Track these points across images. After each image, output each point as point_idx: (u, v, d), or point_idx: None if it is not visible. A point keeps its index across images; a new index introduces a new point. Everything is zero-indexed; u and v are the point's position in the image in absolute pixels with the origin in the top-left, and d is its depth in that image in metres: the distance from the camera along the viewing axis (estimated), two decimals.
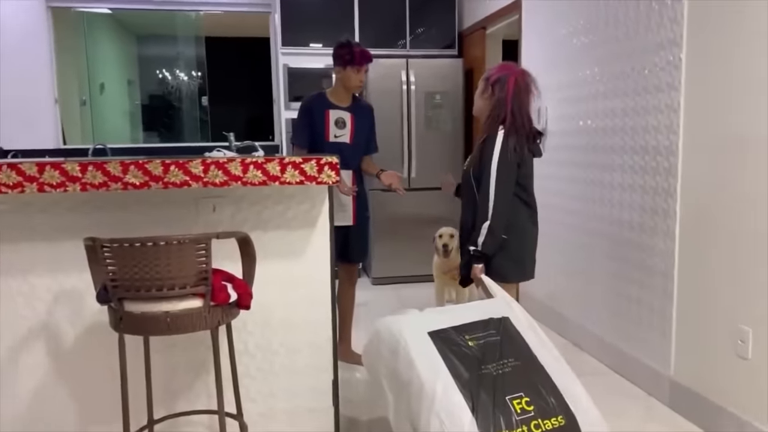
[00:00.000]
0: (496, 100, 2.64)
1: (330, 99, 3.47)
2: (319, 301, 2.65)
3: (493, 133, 2.63)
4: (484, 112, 2.73)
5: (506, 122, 2.60)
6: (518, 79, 2.63)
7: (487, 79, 2.72)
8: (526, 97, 2.64)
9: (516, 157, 2.59)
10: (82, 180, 2.16)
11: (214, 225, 2.54)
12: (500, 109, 2.62)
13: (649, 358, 3.11)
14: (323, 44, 5.55)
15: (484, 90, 2.73)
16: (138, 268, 1.99)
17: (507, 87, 2.62)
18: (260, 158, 2.27)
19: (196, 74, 7.99)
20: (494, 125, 2.64)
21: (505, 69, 2.69)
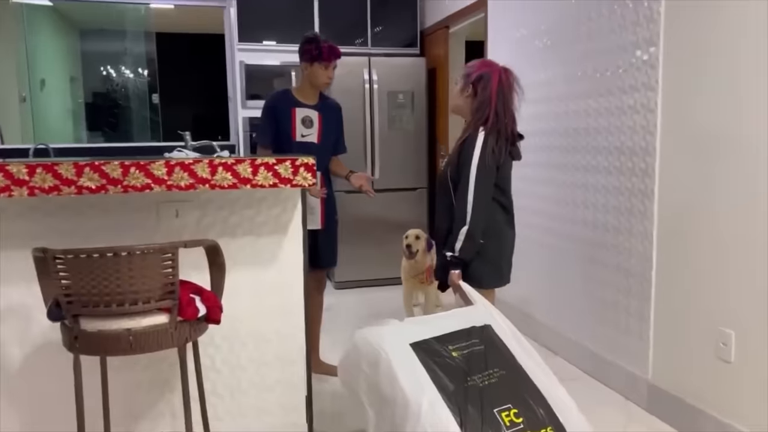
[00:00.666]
0: (479, 99, 2.51)
1: (296, 97, 3.30)
2: (291, 311, 2.49)
3: (474, 133, 2.51)
4: (465, 112, 2.61)
5: (488, 123, 2.49)
6: (502, 77, 2.52)
7: (467, 75, 2.58)
8: (510, 96, 2.52)
9: (495, 159, 2.48)
10: (29, 183, 1.94)
11: (178, 232, 2.35)
12: (483, 110, 2.49)
13: (626, 361, 3.07)
14: (281, 41, 5.36)
15: (464, 88, 2.59)
16: (96, 282, 1.79)
17: (491, 85, 2.49)
18: (230, 159, 2.10)
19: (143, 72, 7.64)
20: (476, 126, 2.51)
21: (487, 65, 2.57)
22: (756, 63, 2.29)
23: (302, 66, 3.27)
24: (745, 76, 2.34)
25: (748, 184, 2.35)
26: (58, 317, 1.88)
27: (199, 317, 1.97)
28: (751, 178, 2.33)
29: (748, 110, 2.34)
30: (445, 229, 2.57)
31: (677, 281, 2.75)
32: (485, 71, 2.53)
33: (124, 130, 7.98)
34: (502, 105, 2.49)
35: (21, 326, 2.24)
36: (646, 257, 2.90)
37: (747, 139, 2.35)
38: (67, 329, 1.88)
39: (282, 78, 5.45)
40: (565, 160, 3.55)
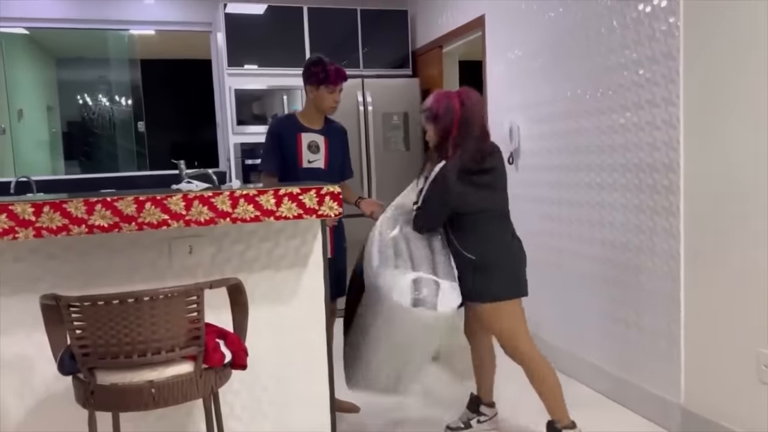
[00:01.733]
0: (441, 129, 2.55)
1: (301, 121, 3.17)
2: (313, 349, 2.34)
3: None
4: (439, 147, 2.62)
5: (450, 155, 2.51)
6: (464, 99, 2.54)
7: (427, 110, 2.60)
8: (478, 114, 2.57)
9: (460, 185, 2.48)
10: (35, 224, 1.77)
11: (192, 270, 2.19)
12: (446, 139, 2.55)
13: (655, 385, 2.96)
14: (271, 64, 5.23)
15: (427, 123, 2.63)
16: (115, 331, 1.63)
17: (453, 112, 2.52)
18: (252, 190, 1.95)
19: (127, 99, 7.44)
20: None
21: (442, 96, 2.59)
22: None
23: (307, 89, 3.14)
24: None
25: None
26: (72, 370, 1.71)
27: (225, 363, 1.82)
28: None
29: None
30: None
31: (709, 301, 2.65)
32: (444, 102, 2.56)
33: (106, 159, 7.75)
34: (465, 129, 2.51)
35: (22, 378, 2.05)
36: (673, 277, 2.81)
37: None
38: (81, 383, 1.70)
39: (273, 102, 5.32)
40: (576, 179, 3.46)
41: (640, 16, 2.91)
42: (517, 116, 4.04)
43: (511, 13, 4.05)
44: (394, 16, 5.53)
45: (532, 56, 3.84)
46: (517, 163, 4.07)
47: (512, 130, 4.05)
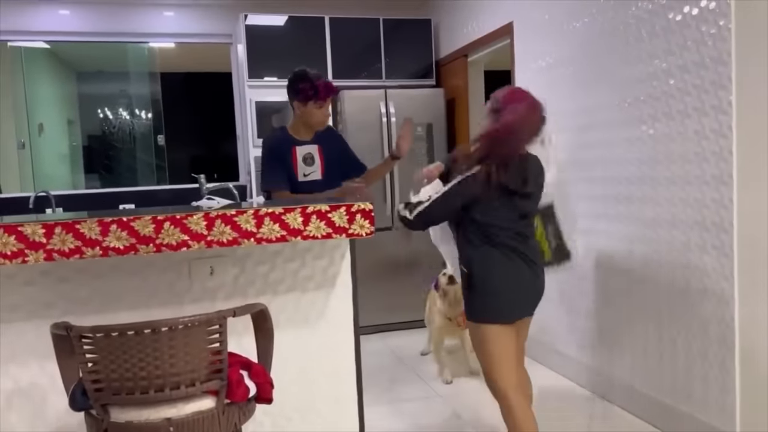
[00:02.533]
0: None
1: (293, 135, 3.11)
2: (342, 376, 2.18)
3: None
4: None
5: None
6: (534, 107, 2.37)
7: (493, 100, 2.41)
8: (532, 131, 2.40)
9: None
10: (46, 246, 1.65)
11: (213, 293, 2.05)
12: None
13: (706, 414, 2.76)
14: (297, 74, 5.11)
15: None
16: (131, 364, 1.49)
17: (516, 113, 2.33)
18: (277, 209, 1.81)
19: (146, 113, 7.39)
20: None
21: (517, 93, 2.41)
22: None
23: (294, 105, 3.08)
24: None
25: None
26: (84, 406, 1.57)
27: (249, 398, 1.67)
28: None
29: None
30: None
31: (765, 325, 2.45)
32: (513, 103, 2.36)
33: (126, 172, 7.71)
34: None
35: (33, 410, 1.93)
36: (726, 298, 2.61)
37: None
38: (94, 421, 1.57)
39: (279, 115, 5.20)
40: (615, 192, 3.28)
41: (685, 18, 2.73)
42: (549, 125, 3.86)
43: (541, 19, 3.90)
44: (417, 26, 5.40)
45: (565, 63, 3.67)
46: None
47: (544, 141, 3.87)
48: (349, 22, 5.22)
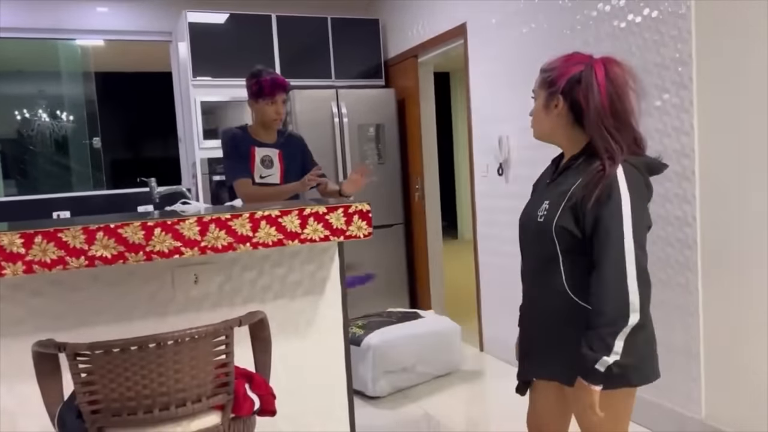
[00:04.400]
0: (590, 114, 1.62)
1: (253, 135, 3.05)
2: (333, 385, 2.12)
3: (610, 170, 1.58)
4: (560, 135, 1.74)
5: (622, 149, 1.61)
6: (609, 72, 1.62)
7: (551, 82, 1.70)
8: (626, 98, 1.63)
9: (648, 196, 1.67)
10: (25, 258, 1.50)
11: (198, 302, 1.94)
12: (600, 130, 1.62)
13: (674, 402, 2.86)
14: (240, 75, 4.95)
15: (549, 101, 1.71)
16: (133, 382, 1.37)
17: (596, 88, 1.61)
18: (274, 211, 1.73)
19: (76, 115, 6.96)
20: (606, 156, 1.60)
21: (578, 61, 1.68)
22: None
23: (249, 103, 3.04)
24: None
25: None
26: (77, 430, 1.44)
27: (254, 411, 1.58)
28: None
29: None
30: (551, 314, 1.70)
31: (729, 311, 2.57)
32: (580, 71, 1.65)
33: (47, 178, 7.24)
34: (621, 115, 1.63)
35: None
36: (690, 290, 2.72)
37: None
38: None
39: (242, 114, 5.04)
40: None
41: (646, 19, 2.83)
42: (505, 126, 3.93)
43: (495, 19, 3.94)
44: (365, 25, 5.36)
45: (521, 63, 3.73)
46: (507, 174, 3.95)
47: (501, 141, 3.93)
48: (297, 21, 5.12)
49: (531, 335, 1.81)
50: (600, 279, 1.55)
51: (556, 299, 1.67)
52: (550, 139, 1.78)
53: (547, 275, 1.69)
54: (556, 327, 1.69)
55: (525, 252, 1.82)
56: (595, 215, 1.58)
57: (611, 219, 1.56)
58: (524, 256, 1.82)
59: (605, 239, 1.56)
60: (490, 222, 4.19)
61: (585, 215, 1.59)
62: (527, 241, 1.80)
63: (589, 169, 1.62)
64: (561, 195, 1.66)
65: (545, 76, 1.74)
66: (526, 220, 1.80)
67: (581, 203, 1.60)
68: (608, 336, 1.53)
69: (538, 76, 1.78)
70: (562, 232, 1.63)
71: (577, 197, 1.61)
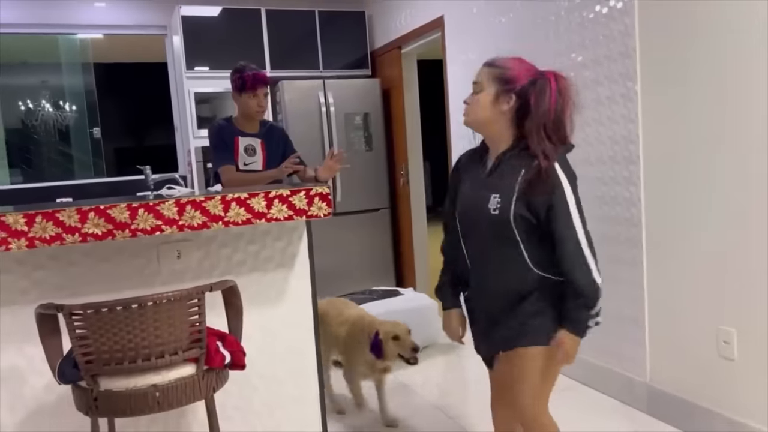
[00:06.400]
0: (539, 111, 1.82)
1: (237, 126, 3.32)
2: (303, 349, 2.39)
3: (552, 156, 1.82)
4: (497, 128, 1.89)
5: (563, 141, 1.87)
6: (560, 85, 1.86)
7: (508, 81, 1.87)
8: (567, 108, 1.88)
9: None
10: (28, 234, 1.77)
11: (180, 275, 2.20)
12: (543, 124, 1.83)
13: (622, 367, 3.13)
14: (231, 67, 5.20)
15: (500, 96, 1.87)
16: (119, 337, 1.65)
17: (548, 95, 1.83)
18: (243, 194, 1.99)
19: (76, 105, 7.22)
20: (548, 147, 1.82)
21: (533, 71, 1.91)
22: (743, 65, 2.41)
23: (233, 97, 3.31)
24: (731, 76, 2.46)
25: (742, 175, 2.45)
26: (73, 379, 1.71)
27: (225, 364, 1.85)
28: (746, 168, 2.43)
29: (737, 96, 2.45)
30: (516, 291, 1.91)
31: (671, 284, 2.82)
32: (535, 77, 1.87)
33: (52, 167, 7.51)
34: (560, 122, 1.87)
35: (13, 391, 2.03)
36: (635, 263, 2.97)
37: (740, 128, 2.46)
38: (83, 391, 1.71)
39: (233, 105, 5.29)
40: None
41: (597, 17, 3.06)
42: None
43: (469, 13, 4.17)
44: (351, 17, 5.59)
45: (492, 55, 3.95)
46: None
47: None
48: (285, 14, 5.35)
49: (492, 312, 1.96)
50: (566, 254, 1.82)
51: (521, 276, 1.89)
52: (482, 129, 1.94)
53: (507, 258, 1.89)
54: (518, 300, 1.90)
55: (473, 241, 1.97)
56: (547, 204, 1.80)
57: (561, 204, 1.80)
58: (471, 245, 1.98)
59: (563, 221, 1.81)
60: None
61: (536, 204, 1.81)
62: (477, 230, 1.94)
63: (530, 165, 1.83)
64: (509, 188, 1.85)
65: (499, 72, 1.91)
66: (474, 213, 1.93)
67: (530, 194, 1.81)
68: (595, 300, 1.85)
69: (486, 69, 1.95)
70: (520, 221, 1.83)
71: (525, 189, 1.82)
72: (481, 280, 1.99)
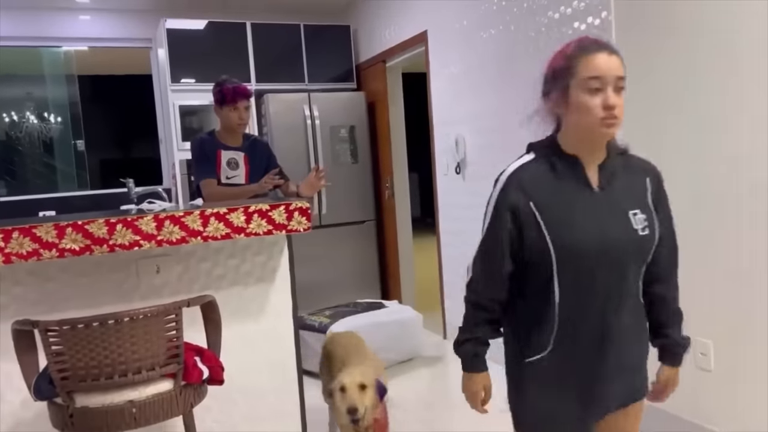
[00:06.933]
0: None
1: (220, 140, 3.34)
2: (284, 362, 2.39)
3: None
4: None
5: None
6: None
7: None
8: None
9: None
10: (5, 250, 1.76)
11: (159, 290, 2.20)
12: None
13: None
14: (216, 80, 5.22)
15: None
16: (95, 353, 1.65)
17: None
18: (222, 209, 2.00)
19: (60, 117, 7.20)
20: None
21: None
22: (727, 82, 2.46)
23: (215, 110, 3.34)
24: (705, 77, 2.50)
25: (718, 186, 2.50)
26: (49, 395, 1.71)
27: (203, 380, 1.85)
28: (724, 179, 2.47)
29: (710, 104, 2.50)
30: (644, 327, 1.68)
31: None
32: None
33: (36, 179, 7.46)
34: None
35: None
36: None
37: (716, 143, 2.50)
38: (58, 408, 1.70)
39: None
40: None
41: (575, 33, 3.11)
42: (462, 128, 4.21)
43: (452, 28, 4.22)
44: (337, 31, 5.62)
45: (475, 70, 4.01)
46: (464, 172, 4.23)
47: (458, 142, 4.21)
48: (271, 28, 5.38)
49: (618, 361, 1.58)
50: (675, 271, 1.64)
51: (641, 312, 1.62)
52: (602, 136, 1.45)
53: (634, 292, 1.56)
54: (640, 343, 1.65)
55: (608, 277, 1.48)
56: (667, 214, 1.57)
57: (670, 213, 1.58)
58: (588, 284, 1.48)
59: (674, 232, 1.61)
60: (451, 217, 4.47)
61: (662, 217, 1.56)
62: (608, 262, 1.46)
63: (645, 171, 1.55)
64: (643, 202, 1.52)
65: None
66: (605, 240, 1.45)
67: (661, 206, 1.56)
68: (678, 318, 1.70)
69: (619, 57, 1.46)
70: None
71: (658, 201, 1.55)
72: (603, 325, 1.52)
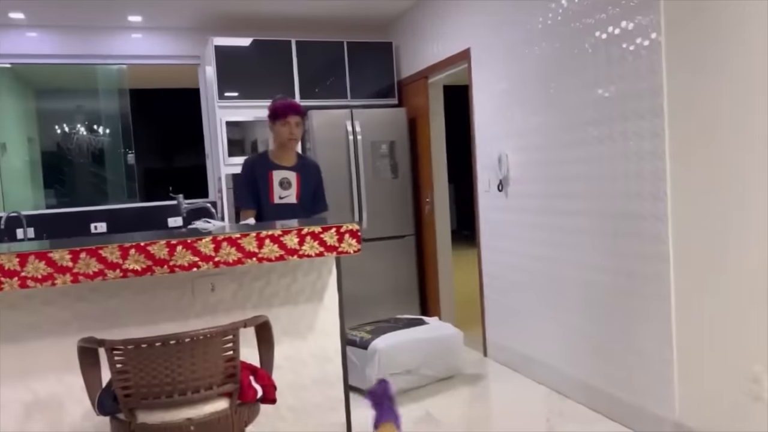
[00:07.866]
0: None
1: (272, 159, 3.43)
2: (331, 382, 2.43)
3: None
4: None
5: None
6: None
7: None
8: None
9: None
10: (73, 270, 1.84)
11: (214, 307, 2.27)
12: None
13: (649, 402, 3.10)
14: (262, 97, 5.33)
15: None
16: (157, 372, 1.70)
17: None
18: (276, 231, 2.05)
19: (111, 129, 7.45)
20: None
21: None
22: None
23: (269, 126, 3.44)
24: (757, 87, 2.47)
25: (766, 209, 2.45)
26: (112, 411, 1.78)
27: (257, 399, 1.90)
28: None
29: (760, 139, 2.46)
30: None
31: (699, 321, 2.81)
32: None
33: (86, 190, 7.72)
34: None
35: (52, 419, 2.10)
36: (662, 297, 2.96)
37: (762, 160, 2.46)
38: (120, 424, 1.77)
39: (264, 133, 5.41)
40: (562, 206, 3.62)
41: (624, 53, 3.10)
42: (505, 145, 4.21)
43: (496, 45, 4.23)
44: (379, 48, 5.69)
45: (518, 87, 4.01)
46: (506, 190, 4.23)
47: (501, 159, 4.21)
48: (315, 45, 5.48)
49: None
50: None
51: None
52: None
53: None
54: None
55: None
56: None
57: None
58: None
59: None
60: (493, 234, 4.46)
61: None
62: None
63: None
64: None
65: None
66: None
67: None
68: None
69: None
70: None
71: None
72: None
